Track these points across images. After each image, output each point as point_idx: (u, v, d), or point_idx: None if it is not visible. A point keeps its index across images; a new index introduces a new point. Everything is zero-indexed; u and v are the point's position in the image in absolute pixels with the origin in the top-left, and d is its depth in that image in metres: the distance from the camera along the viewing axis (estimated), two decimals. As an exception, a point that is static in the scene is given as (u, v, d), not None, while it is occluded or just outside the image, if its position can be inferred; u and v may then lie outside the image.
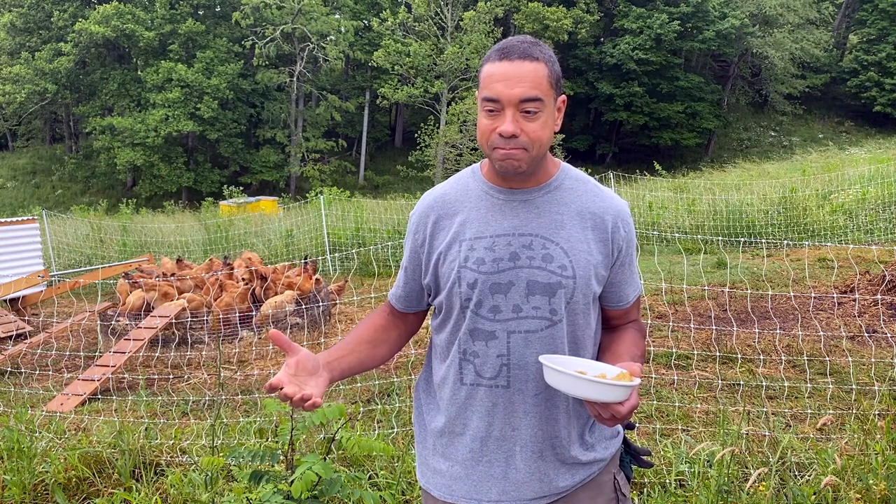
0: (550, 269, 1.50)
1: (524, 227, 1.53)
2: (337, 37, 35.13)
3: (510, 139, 1.43)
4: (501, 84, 1.42)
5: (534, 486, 1.57)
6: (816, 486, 2.94)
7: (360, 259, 11.49)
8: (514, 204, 1.55)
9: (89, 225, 14.66)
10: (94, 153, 35.34)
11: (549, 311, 1.51)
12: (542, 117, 1.44)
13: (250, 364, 6.35)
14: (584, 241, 1.53)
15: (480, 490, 1.58)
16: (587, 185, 1.60)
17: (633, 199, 13.51)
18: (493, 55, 1.46)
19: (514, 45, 1.45)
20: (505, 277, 1.51)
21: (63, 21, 34.72)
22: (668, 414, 4.19)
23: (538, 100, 1.42)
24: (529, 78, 1.42)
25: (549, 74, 1.45)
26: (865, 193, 11.97)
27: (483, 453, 1.57)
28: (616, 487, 1.66)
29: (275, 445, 2.55)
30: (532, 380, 1.53)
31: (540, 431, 1.55)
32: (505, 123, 1.42)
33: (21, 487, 3.39)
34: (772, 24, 35.74)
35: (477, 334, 1.53)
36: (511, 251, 1.51)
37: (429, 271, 1.61)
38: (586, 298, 1.54)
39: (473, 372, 1.55)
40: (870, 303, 6.36)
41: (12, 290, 8.40)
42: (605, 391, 1.33)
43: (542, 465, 1.56)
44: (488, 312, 1.52)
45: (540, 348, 1.51)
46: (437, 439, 1.64)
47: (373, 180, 35.97)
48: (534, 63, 1.43)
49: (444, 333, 1.62)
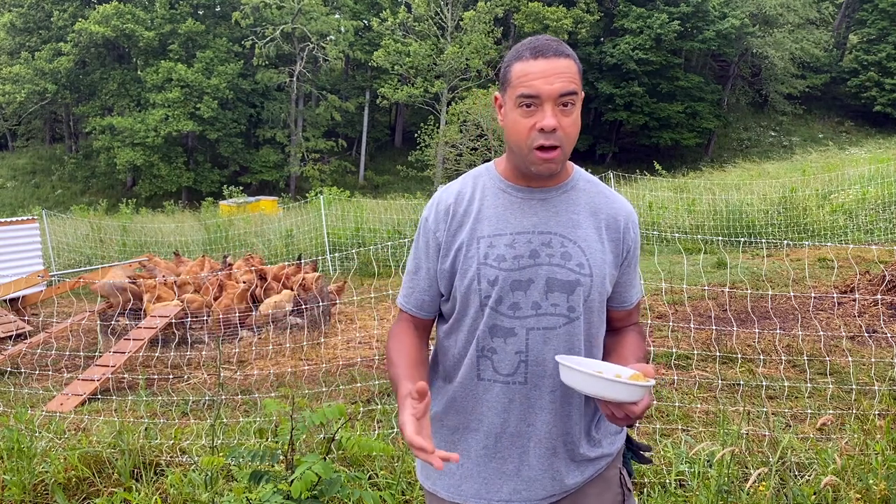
0: (569, 266, 1.53)
1: (543, 225, 1.55)
2: (337, 37, 35.13)
3: (551, 134, 1.45)
4: (540, 80, 1.44)
5: (545, 485, 1.58)
6: (816, 486, 2.94)
7: (360, 259, 11.49)
8: (532, 202, 1.57)
9: (89, 225, 14.65)
10: (93, 153, 35.34)
11: (568, 308, 1.52)
12: (576, 112, 1.48)
13: (250, 364, 6.35)
14: (599, 241, 1.56)
15: (491, 489, 1.58)
16: (598, 186, 1.65)
17: (633, 199, 13.50)
18: (524, 54, 1.48)
19: (545, 44, 1.47)
20: (525, 275, 1.52)
21: (63, 21, 34.73)
22: (668, 414, 4.19)
23: (575, 93, 1.46)
24: (566, 73, 1.45)
25: (579, 70, 1.50)
26: (865, 193, 11.97)
27: (497, 450, 1.58)
28: (622, 483, 1.68)
29: (275, 445, 2.55)
30: (549, 376, 1.54)
31: (555, 428, 1.56)
32: (546, 118, 1.44)
33: (21, 487, 3.39)
34: (772, 24, 35.74)
35: (496, 331, 1.54)
36: (531, 248, 1.53)
37: (444, 268, 1.60)
38: (601, 297, 1.56)
39: (491, 368, 1.56)
40: (870, 303, 6.36)
41: (12, 290, 8.40)
42: (622, 391, 1.35)
43: (555, 461, 1.58)
44: (508, 309, 1.53)
45: (558, 345, 1.53)
46: (449, 437, 1.64)
47: (373, 180, 35.97)
48: (567, 60, 1.47)
49: (459, 334, 1.60)
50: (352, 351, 6.53)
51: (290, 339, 6.88)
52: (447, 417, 1.64)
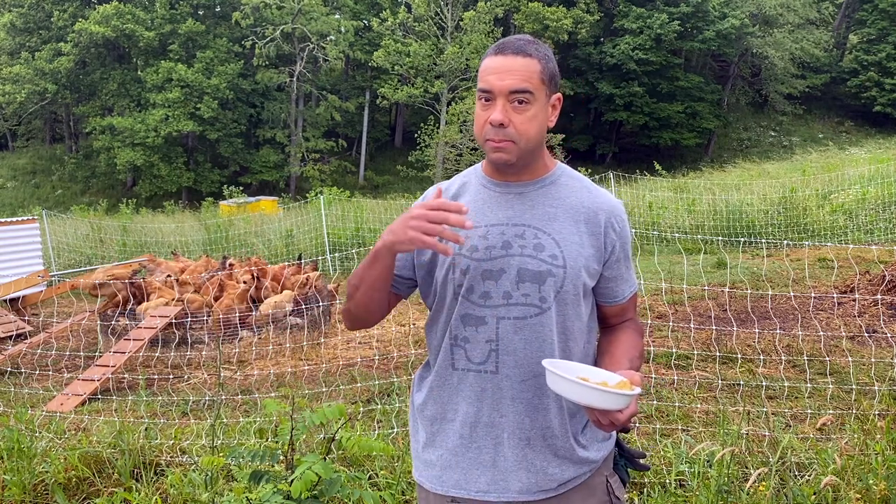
0: (541, 257, 1.54)
1: (517, 217, 1.58)
2: (337, 37, 35.13)
3: (499, 129, 1.50)
4: (494, 76, 1.50)
5: (521, 477, 1.57)
6: (816, 486, 2.94)
7: (359, 259, 11.48)
8: (508, 196, 1.61)
9: (89, 225, 14.66)
10: (94, 153, 35.32)
11: (539, 298, 1.53)
12: (532, 111, 1.50)
13: (250, 364, 6.35)
14: (577, 234, 1.57)
15: (469, 479, 1.59)
16: (582, 182, 1.66)
17: (633, 199, 13.51)
18: (490, 51, 1.55)
19: (509, 42, 1.53)
20: (496, 265, 1.55)
21: (63, 21, 34.71)
22: (668, 414, 4.19)
23: (527, 92, 1.49)
24: (520, 71, 1.49)
25: (542, 70, 1.51)
26: (865, 193, 11.97)
27: (472, 439, 1.59)
28: (609, 490, 1.66)
29: (275, 445, 2.55)
30: (520, 366, 1.55)
31: (527, 419, 1.57)
32: (495, 112, 1.49)
33: (21, 487, 3.39)
34: (772, 24, 35.74)
35: (467, 320, 1.57)
36: (504, 240, 1.56)
37: (424, 260, 1.64)
38: (576, 289, 1.56)
39: (464, 357, 1.58)
40: (870, 303, 6.36)
41: (12, 290, 8.40)
42: (606, 399, 1.35)
43: (531, 453, 1.57)
44: (479, 298, 1.55)
45: (529, 335, 1.54)
46: (429, 427, 1.66)
47: (373, 180, 35.96)
48: (526, 58, 1.50)
49: (438, 324, 1.64)
50: (352, 351, 6.53)
51: (290, 339, 6.88)
52: (427, 407, 1.67)
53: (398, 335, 6.59)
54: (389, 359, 5.89)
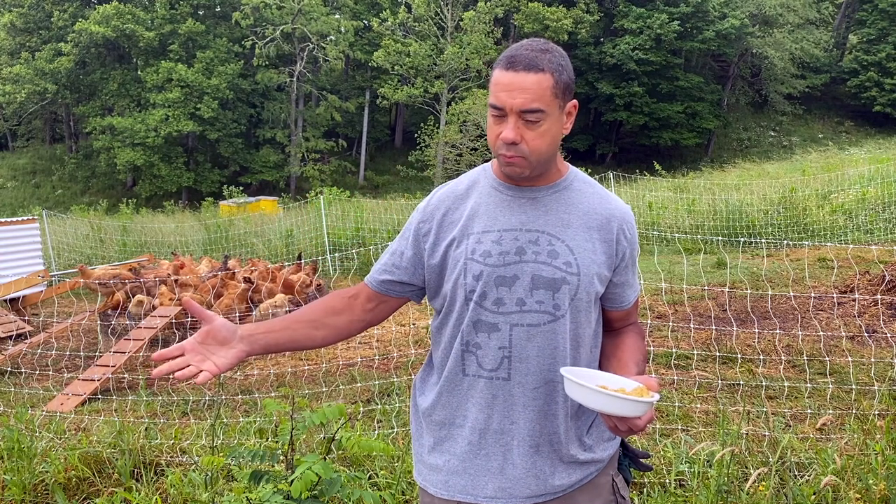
0: (556, 265, 1.53)
1: (531, 223, 1.56)
2: (337, 37, 35.13)
3: (511, 146, 1.48)
4: (505, 93, 1.46)
5: (529, 483, 1.57)
6: (816, 486, 2.94)
7: (360, 259, 11.48)
8: (522, 201, 1.59)
9: (89, 225, 14.66)
10: (94, 153, 35.34)
11: (553, 306, 1.53)
12: (544, 126, 1.48)
13: (250, 364, 6.35)
14: (590, 241, 1.56)
15: (477, 485, 1.58)
16: (594, 187, 1.65)
17: (632, 199, 13.51)
18: (501, 62, 1.49)
19: (520, 55, 1.47)
20: (510, 271, 1.53)
21: (63, 21, 34.72)
22: (668, 414, 4.19)
23: (539, 111, 1.46)
24: (532, 90, 1.45)
25: (554, 85, 1.47)
26: (865, 193, 11.97)
27: (481, 446, 1.58)
28: (615, 490, 1.66)
29: (275, 445, 2.55)
30: (532, 373, 1.54)
31: (538, 426, 1.56)
32: (506, 130, 1.47)
33: (21, 487, 3.39)
34: (772, 24, 35.73)
35: (480, 326, 1.55)
36: (518, 245, 1.54)
37: (434, 263, 1.62)
38: (589, 296, 1.56)
39: (475, 363, 1.57)
40: (870, 303, 6.36)
41: (12, 290, 8.40)
42: (626, 406, 1.36)
43: (539, 460, 1.57)
44: (492, 305, 1.54)
45: (542, 342, 1.53)
46: (437, 432, 1.65)
47: (373, 180, 35.96)
48: (538, 74, 1.45)
49: (446, 328, 1.62)
50: (352, 351, 6.53)
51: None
52: (435, 412, 1.65)
53: (398, 335, 6.59)
54: (389, 359, 5.89)
